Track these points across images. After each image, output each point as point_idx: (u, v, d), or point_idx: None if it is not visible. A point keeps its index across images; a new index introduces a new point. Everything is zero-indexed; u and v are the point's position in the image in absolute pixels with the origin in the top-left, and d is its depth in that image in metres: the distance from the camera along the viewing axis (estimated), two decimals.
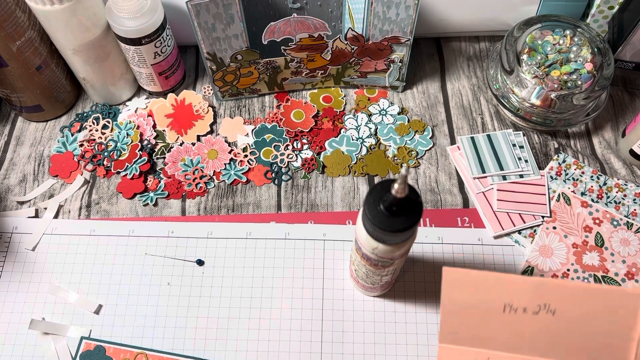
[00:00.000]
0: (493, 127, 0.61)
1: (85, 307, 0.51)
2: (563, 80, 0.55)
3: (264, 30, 0.55)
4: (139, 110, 0.62)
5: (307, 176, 0.58)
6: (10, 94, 0.58)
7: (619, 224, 0.54)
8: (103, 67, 0.58)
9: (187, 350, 0.49)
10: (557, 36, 0.58)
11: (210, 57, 0.57)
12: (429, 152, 0.60)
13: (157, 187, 0.57)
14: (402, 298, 0.52)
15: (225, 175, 0.58)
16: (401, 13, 0.53)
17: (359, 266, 0.45)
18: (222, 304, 0.51)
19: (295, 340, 0.50)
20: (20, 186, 0.58)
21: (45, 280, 0.52)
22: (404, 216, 0.36)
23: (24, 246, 0.54)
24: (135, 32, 0.53)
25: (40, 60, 0.56)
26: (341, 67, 0.60)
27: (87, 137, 0.60)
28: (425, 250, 0.54)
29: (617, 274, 0.52)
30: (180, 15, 0.60)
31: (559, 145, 0.60)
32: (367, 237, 0.39)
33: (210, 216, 0.56)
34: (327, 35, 0.56)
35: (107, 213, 0.56)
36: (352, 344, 0.50)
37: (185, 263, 0.53)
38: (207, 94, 0.64)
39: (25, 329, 0.50)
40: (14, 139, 0.61)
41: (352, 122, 0.61)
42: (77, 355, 0.49)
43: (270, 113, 0.62)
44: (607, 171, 0.58)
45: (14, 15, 0.51)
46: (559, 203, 0.55)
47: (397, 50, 0.58)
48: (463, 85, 0.64)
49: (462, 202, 0.57)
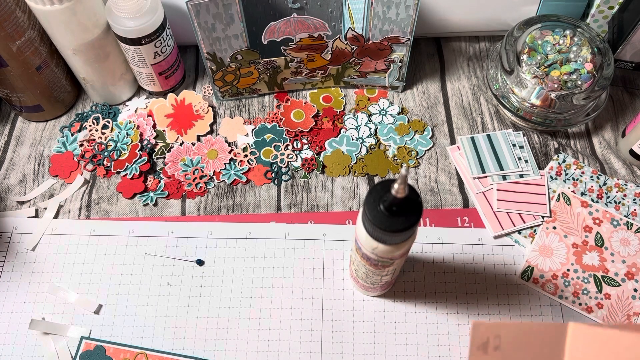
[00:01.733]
0: (493, 127, 0.61)
1: (85, 307, 0.51)
2: (563, 80, 0.55)
3: (264, 30, 0.55)
4: (139, 110, 0.62)
5: (307, 176, 0.58)
6: (10, 94, 0.58)
7: (619, 224, 0.54)
8: (103, 67, 0.58)
9: (187, 350, 0.49)
10: (557, 36, 0.58)
11: (210, 57, 0.57)
12: (429, 152, 0.60)
13: (157, 187, 0.57)
14: (402, 298, 0.52)
15: (225, 175, 0.58)
16: (401, 13, 0.53)
17: (359, 266, 0.45)
18: (222, 304, 0.51)
19: (295, 340, 0.50)
20: (20, 186, 0.58)
21: (45, 280, 0.52)
22: (404, 216, 0.36)
23: (24, 246, 0.54)
24: (135, 32, 0.53)
25: (40, 60, 0.56)
26: (341, 67, 0.60)
27: (87, 137, 0.60)
28: (425, 250, 0.54)
29: (617, 274, 0.52)
30: (180, 15, 0.60)
31: (559, 145, 0.60)
32: (367, 237, 0.39)
33: (210, 216, 0.56)
34: (327, 35, 0.56)
35: (107, 213, 0.56)
36: (352, 344, 0.50)
37: (185, 263, 0.53)
38: (207, 94, 0.64)
39: (25, 329, 0.50)
40: (14, 139, 0.61)
41: (352, 122, 0.61)
42: (77, 355, 0.49)
43: (270, 113, 0.62)
44: (607, 171, 0.58)
45: (14, 15, 0.51)
46: (559, 203, 0.55)
47: (397, 50, 0.58)
48: (463, 85, 0.64)
49: (462, 202, 0.57)
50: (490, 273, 0.53)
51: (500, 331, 0.34)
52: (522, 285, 0.52)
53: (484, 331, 0.34)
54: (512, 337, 0.34)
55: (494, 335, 0.34)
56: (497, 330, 0.34)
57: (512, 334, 0.34)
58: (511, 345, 0.33)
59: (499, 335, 0.34)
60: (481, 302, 0.51)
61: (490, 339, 0.34)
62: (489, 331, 0.34)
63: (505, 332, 0.34)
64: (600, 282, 0.52)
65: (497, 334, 0.34)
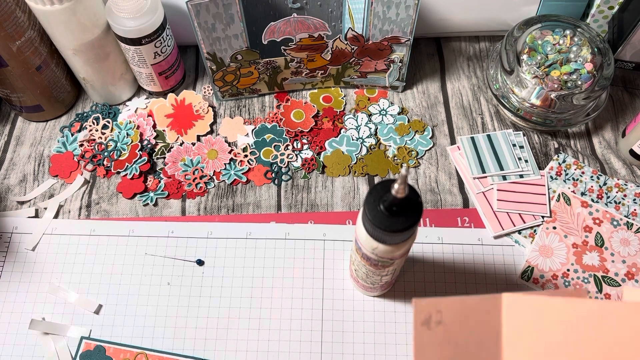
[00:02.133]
0: (493, 127, 0.61)
1: (85, 307, 0.51)
2: (563, 80, 0.55)
3: (264, 30, 0.55)
4: (139, 110, 0.62)
5: (307, 176, 0.58)
6: (10, 94, 0.58)
7: (619, 224, 0.54)
8: (103, 67, 0.58)
9: (187, 350, 0.49)
10: (557, 36, 0.58)
11: (210, 57, 0.57)
12: (429, 152, 0.60)
13: (157, 187, 0.57)
14: (402, 298, 0.52)
15: (225, 175, 0.58)
16: (401, 13, 0.53)
17: (359, 266, 0.45)
18: (222, 304, 0.51)
19: (295, 340, 0.50)
20: (20, 186, 0.58)
21: (45, 280, 0.52)
22: (404, 216, 0.36)
23: (24, 246, 0.54)
24: (135, 32, 0.53)
25: (40, 60, 0.56)
26: (341, 67, 0.60)
27: (87, 137, 0.60)
28: (425, 250, 0.54)
29: (617, 274, 0.52)
30: (180, 15, 0.60)
31: (559, 145, 0.60)
32: (367, 237, 0.39)
33: (210, 216, 0.56)
34: (327, 35, 0.56)
35: (107, 213, 0.56)
36: (352, 344, 0.50)
37: (185, 263, 0.53)
38: (207, 94, 0.64)
39: (25, 329, 0.50)
40: (14, 139, 0.61)
41: (352, 122, 0.61)
42: (77, 355, 0.49)
43: (270, 113, 0.62)
44: (607, 171, 0.58)
45: (14, 15, 0.51)
46: (559, 203, 0.55)
47: (397, 50, 0.58)
48: (463, 85, 0.64)
49: (462, 202, 0.57)
50: (490, 273, 0.53)
51: (440, 306, 0.35)
52: (522, 285, 0.52)
53: (425, 307, 0.35)
54: (453, 311, 0.35)
55: (435, 310, 0.35)
56: (437, 306, 0.35)
57: (452, 308, 0.35)
58: (452, 319, 0.35)
59: (440, 310, 0.35)
60: None
61: (432, 314, 0.35)
62: (430, 307, 0.35)
63: (445, 306, 0.35)
64: (601, 282, 0.52)
65: (438, 309, 0.35)
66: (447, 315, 0.35)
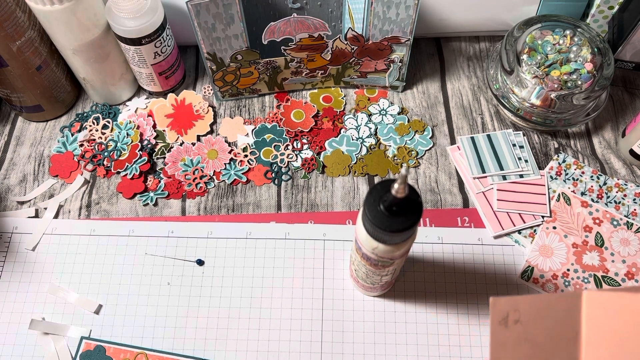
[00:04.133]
0: (493, 127, 0.61)
1: (85, 307, 0.51)
2: (563, 80, 0.55)
3: (264, 30, 0.55)
4: (139, 110, 0.62)
5: (307, 176, 0.58)
6: (10, 94, 0.58)
7: (619, 224, 0.54)
8: (103, 67, 0.58)
9: (187, 350, 0.49)
10: (557, 36, 0.58)
11: (210, 57, 0.57)
12: (429, 152, 0.60)
13: (157, 187, 0.57)
14: (402, 298, 0.52)
15: (225, 175, 0.58)
16: (401, 13, 0.53)
17: (359, 266, 0.45)
18: (222, 304, 0.51)
19: (295, 340, 0.50)
20: (20, 186, 0.58)
21: (45, 280, 0.52)
22: (404, 216, 0.36)
23: (24, 246, 0.54)
24: (135, 32, 0.53)
25: (40, 60, 0.56)
26: (341, 67, 0.60)
27: (87, 137, 0.60)
28: (425, 250, 0.54)
29: (617, 274, 0.52)
30: (180, 15, 0.60)
31: (559, 145, 0.60)
32: (367, 237, 0.39)
33: (210, 216, 0.56)
34: (327, 35, 0.56)
35: (107, 213, 0.56)
36: (352, 344, 0.50)
37: (185, 263, 0.53)
38: (207, 94, 0.64)
39: (25, 329, 0.50)
40: (14, 139, 0.61)
41: (352, 122, 0.61)
42: (77, 355, 0.49)
43: (270, 113, 0.62)
44: (607, 171, 0.58)
45: (14, 15, 0.51)
46: (559, 203, 0.55)
47: (397, 50, 0.58)
48: (463, 85, 0.64)
49: (462, 202, 0.57)
50: (490, 273, 0.53)
51: (518, 305, 0.35)
52: (523, 285, 0.52)
53: (502, 306, 0.35)
54: (531, 309, 0.34)
55: (512, 309, 0.35)
56: (515, 304, 0.35)
57: (530, 306, 0.34)
58: (530, 317, 0.34)
59: (517, 309, 0.35)
60: (481, 302, 0.51)
61: (509, 313, 0.35)
62: (507, 306, 0.35)
63: (523, 305, 0.35)
64: (601, 282, 0.52)
65: (516, 307, 0.35)
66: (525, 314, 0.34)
